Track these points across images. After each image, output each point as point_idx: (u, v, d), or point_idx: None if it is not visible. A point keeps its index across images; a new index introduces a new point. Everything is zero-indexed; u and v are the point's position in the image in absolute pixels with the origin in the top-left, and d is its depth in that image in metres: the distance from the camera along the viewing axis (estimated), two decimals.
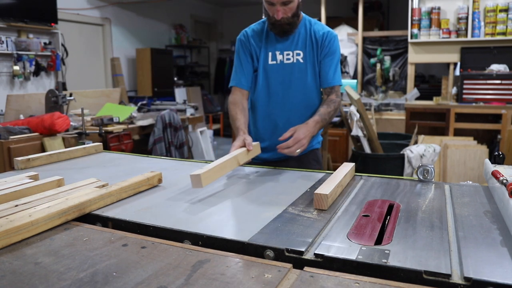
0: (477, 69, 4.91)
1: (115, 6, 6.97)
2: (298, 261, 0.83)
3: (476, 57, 5.22)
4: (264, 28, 1.85)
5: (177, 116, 4.41)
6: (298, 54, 1.81)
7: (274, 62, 1.83)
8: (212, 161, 1.78)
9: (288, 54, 1.81)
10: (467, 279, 0.72)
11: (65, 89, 5.23)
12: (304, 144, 1.56)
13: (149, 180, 1.31)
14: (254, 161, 1.76)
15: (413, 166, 3.35)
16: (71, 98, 3.62)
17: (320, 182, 1.35)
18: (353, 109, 3.61)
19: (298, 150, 1.54)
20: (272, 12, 1.72)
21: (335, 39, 1.83)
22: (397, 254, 0.81)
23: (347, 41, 6.65)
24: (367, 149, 3.65)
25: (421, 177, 1.37)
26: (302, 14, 1.89)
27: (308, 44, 1.82)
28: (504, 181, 1.06)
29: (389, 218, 1.04)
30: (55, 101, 3.48)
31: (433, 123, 5.01)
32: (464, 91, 4.79)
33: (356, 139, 3.70)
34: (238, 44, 1.88)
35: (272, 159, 1.87)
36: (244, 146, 1.56)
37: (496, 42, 5.15)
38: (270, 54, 1.83)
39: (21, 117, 3.56)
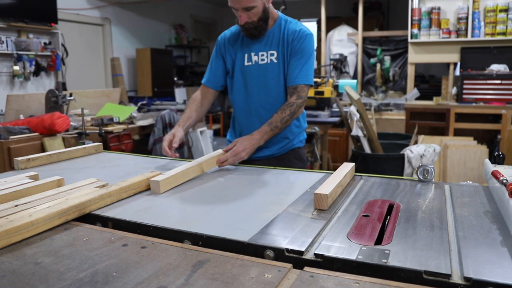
0: (477, 69, 4.91)
1: (115, 6, 6.97)
2: (298, 261, 0.83)
3: (476, 57, 5.22)
4: (240, 31, 1.87)
5: (177, 116, 4.41)
6: (272, 54, 1.83)
7: (250, 63, 1.85)
8: None
9: (262, 55, 1.83)
10: (467, 279, 0.72)
11: (65, 89, 5.23)
12: (243, 156, 1.65)
13: (149, 180, 1.31)
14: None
15: (413, 166, 3.35)
16: (71, 98, 3.62)
17: (320, 182, 1.35)
18: (353, 109, 3.61)
19: (237, 162, 1.65)
20: (237, 17, 1.75)
21: (305, 38, 1.80)
22: (397, 254, 0.81)
23: (347, 41, 6.66)
24: (367, 149, 3.65)
25: (421, 177, 1.37)
26: (279, 14, 1.88)
27: (281, 43, 1.82)
28: (504, 181, 1.06)
29: (389, 218, 1.04)
30: (55, 101, 3.48)
31: (433, 123, 5.01)
32: (464, 91, 4.79)
33: (356, 139, 3.70)
34: (216, 45, 1.95)
35: (254, 158, 1.85)
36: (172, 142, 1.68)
37: (496, 42, 5.15)
38: (246, 55, 1.85)
39: (21, 117, 3.56)
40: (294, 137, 1.94)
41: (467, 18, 5.21)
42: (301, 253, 0.84)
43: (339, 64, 6.17)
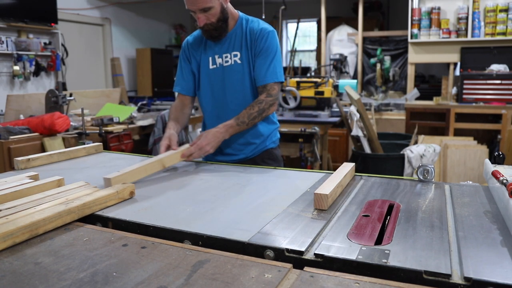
0: (477, 69, 4.91)
1: (115, 6, 6.97)
2: (298, 261, 0.83)
3: (476, 57, 5.22)
4: (202, 35, 1.85)
5: None
6: (235, 56, 1.80)
7: (215, 66, 1.83)
8: (212, 161, 1.79)
9: (226, 57, 1.81)
10: (467, 279, 0.72)
11: (65, 89, 5.23)
12: (208, 150, 1.65)
13: (119, 193, 1.21)
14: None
15: (413, 166, 3.35)
16: (71, 98, 3.62)
17: (320, 182, 1.35)
18: (353, 109, 3.61)
19: (201, 155, 1.66)
20: (196, 19, 1.72)
21: (268, 35, 1.78)
22: (397, 254, 0.81)
23: (347, 41, 6.66)
24: (367, 149, 3.65)
25: (421, 177, 1.37)
26: (239, 14, 1.84)
27: (244, 43, 1.80)
28: (504, 181, 1.06)
29: (389, 218, 1.04)
30: (55, 101, 3.48)
31: (433, 123, 5.01)
32: (464, 91, 4.79)
33: (356, 139, 3.70)
34: (181, 51, 1.92)
35: (227, 161, 1.85)
36: (170, 145, 1.66)
37: (496, 42, 5.15)
38: (210, 59, 1.83)
39: (21, 117, 3.56)
40: (265, 138, 1.91)
41: (467, 18, 5.21)
42: (301, 253, 0.84)
43: (339, 64, 6.17)
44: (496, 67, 4.75)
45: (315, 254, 0.83)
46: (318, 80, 4.12)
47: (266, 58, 1.77)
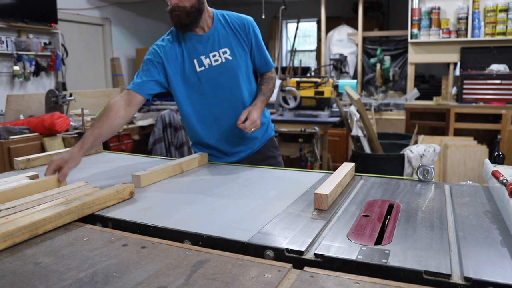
0: (477, 69, 4.91)
1: (115, 6, 6.97)
2: (298, 261, 0.83)
3: (476, 57, 5.22)
4: (180, 36, 1.73)
5: (177, 116, 4.41)
6: (224, 52, 1.73)
7: (203, 68, 1.72)
8: (212, 161, 1.79)
9: (214, 56, 1.72)
10: (467, 279, 0.72)
11: (65, 89, 5.23)
12: (258, 124, 1.67)
13: (119, 193, 1.21)
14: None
15: (413, 166, 3.35)
16: (71, 98, 3.62)
17: (320, 182, 1.35)
18: (353, 109, 3.61)
19: (253, 129, 1.65)
20: (169, 1, 1.62)
21: (254, 25, 1.80)
22: (397, 254, 0.81)
23: (347, 41, 6.66)
24: (367, 149, 3.65)
25: (421, 177, 1.37)
26: (213, 12, 1.77)
27: (232, 39, 1.74)
28: (504, 181, 1.06)
29: (389, 218, 1.04)
30: (55, 101, 3.48)
31: (433, 123, 5.01)
32: (464, 91, 4.79)
33: (356, 139, 3.70)
34: (150, 55, 1.73)
35: (233, 162, 1.84)
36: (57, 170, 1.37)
37: (496, 42, 5.15)
38: (195, 61, 1.71)
39: (21, 117, 3.56)
40: (267, 126, 1.94)
41: (467, 18, 5.21)
42: (301, 253, 0.84)
43: (339, 64, 6.17)
44: (496, 67, 4.75)
45: (315, 254, 0.83)
46: (318, 80, 4.12)
47: (261, 47, 1.82)
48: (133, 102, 1.66)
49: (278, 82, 4.74)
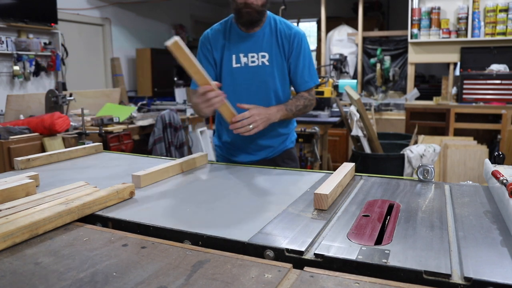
0: (477, 69, 4.91)
1: (115, 6, 6.97)
2: (298, 261, 0.83)
3: (476, 57, 5.22)
4: (227, 28, 1.73)
5: (177, 116, 4.41)
6: (263, 57, 1.72)
7: (239, 65, 1.72)
8: (212, 161, 1.79)
9: (253, 56, 1.72)
10: (467, 279, 0.72)
11: (65, 89, 5.23)
12: (259, 125, 1.58)
13: (119, 193, 1.24)
14: (230, 164, 1.76)
15: (413, 166, 3.35)
16: (71, 98, 3.62)
17: (320, 182, 1.35)
18: (353, 109, 3.61)
19: (251, 126, 1.56)
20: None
21: (303, 39, 1.76)
22: (397, 254, 0.81)
23: (347, 41, 6.66)
24: (367, 149, 3.65)
25: (421, 177, 1.37)
26: (268, 14, 1.77)
27: (274, 45, 1.73)
28: (504, 181, 1.06)
29: (389, 218, 1.04)
30: (55, 101, 3.48)
31: (433, 123, 5.01)
32: (464, 91, 4.79)
33: (356, 139, 3.70)
34: (199, 46, 1.78)
35: (246, 162, 1.84)
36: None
37: (496, 42, 5.15)
38: (234, 56, 1.72)
39: (21, 117, 3.56)
40: (286, 138, 1.91)
41: (467, 18, 5.21)
42: (301, 253, 0.84)
43: (339, 64, 6.18)
44: (496, 67, 4.75)
45: (315, 254, 0.83)
46: (318, 80, 4.12)
47: (304, 62, 1.76)
48: None
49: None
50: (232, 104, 1.75)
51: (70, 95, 3.69)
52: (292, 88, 1.87)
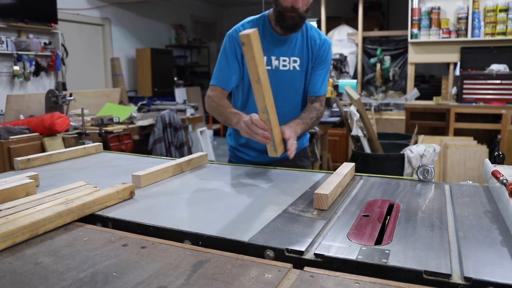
0: (477, 69, 4.91)
1: (115, 6, 6.97)
2: (298, 261, 0.83)
3: (476, 57, 5.22)
4: (260, 27, 1.68)
5: (177, 116, 4.41)
6: (295, 61, 1.71)
7: (269, 67, 1.69)
8: (213, 161, 1.79)
9: (284, 60, 1.70)
10: (467, 279, 0.72)
11: (65, 89, 5.23)
12: (296, 147, 1.55)
13: (119, 193, 1.24)
14: (247, 163, 1.75)
15: (413, 166, 3.35)
16: (71, 98, 3.62)
17: (320, 182, 1.35)
18: (353, 109, 3.61)
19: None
20: (289, 0, 1.56)
21: (329, 48, 1.77)
22: (397, 254, 0.81)
23: (347, 41, 6.66)
24: (367, 149, 3.65)
25: (421, 177, 1.37)
26: None
27: (305, 51, 1.72)
28: (504, 181, 1.06)
29: (389, 218, 1.04)
30: (55, 101, 3.48)
31: (433, 123, 5.01)
32: (464, 91, 4.79)
33: (356, 139, 3.70)
34: (227, 41, 1.71)
35: (265, 162, 1.83)
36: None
37: (496, 42, 5.15)
38: (265, 58, 1.68)
39: (21, 117, 3.56)
40: (303, 137, 1.92)
41: (467, 18, 5.21)
42: (301, 253, 0.84)
43: (339, 64, 6.18)
44: (496, 67, 4.75)
45: (315, 254, 0.83)
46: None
47: (323, 70, 1.76)
48: (224, 96, 1.70)
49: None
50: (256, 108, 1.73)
51: (70, 95, 3.69)
52: None
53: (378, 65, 5.60)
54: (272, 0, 1.64)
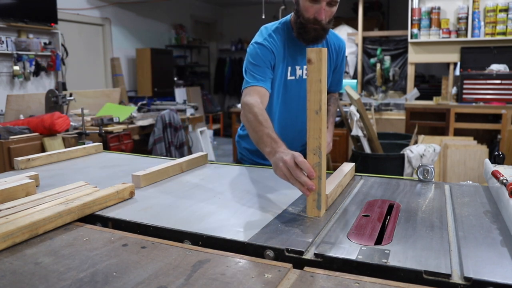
0: (477, 69, 4.91)
1: (115, 6, 6.97)
2: (298, 261, 0.83)
3: (476, 57, 5.22)
4: (285, 34, 1.62)
5: (177, 116, 4.41)
6: None
7: (293, 77, 1.66)
8: (213, 161, 1.79)
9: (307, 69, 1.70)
10: (467, 279, 0.72)
11: (65, 89, 5.23)
12: (331, 147, 1.73)
13: (119, 193, 1.24)
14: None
15: (413, 166, 3.35)
16: (71, 98, 3.62)
17: None
18: (353, 109, 3.61)
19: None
20: (312, 11, 1.48)
21: (345, 48, 1.82)
22: (397, 254, 0.81)
23: (347, 41, 6.65)
24: (367, 149, 3.65)
25: (421, 177, 1.37)
26: None
27: (329, 56, 1.69)
28: (504, 181, 1.06)
29: (389, 218, 1.04)
30: (55, 101, 3.48)
31: (433, 123, 5.01)
32: (464, 91, 4.79)
33: (356, 139, 3.70)
34: (259, 50, 1.57)
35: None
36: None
37: (496, 42, 5.15)
38: (289, 68, 1.64)
39: (21, 117, 3.56)
40: None
41: (467, 18, 5.21)
42: (301, 253, 0.84)
43: None
44: (496, 67, 4.75)
45: (315, 254, 0.83)
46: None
47: (342, 68, 1.82)
48: (265, 98, 1.53)
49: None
50: (282, 115, 1.70)
51: (70, 95, 3.69)
52: None
53: (378, 65, 5.60)
54: (293, 11, 1.58)
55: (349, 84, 4.07)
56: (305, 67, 1.68)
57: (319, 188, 1.03)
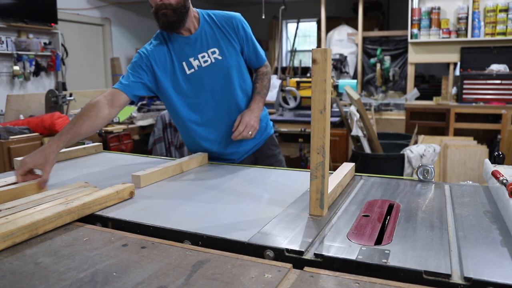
0: (477, 69, 4.91)
1: (115, 6, 6.97)
2: (298, 261, 0.83)
3: (476, 57, 5.22)
4: (165, 40, 1.69)
5: None
6: (213, 53, 1.69)
7: (192, 70, 1.68)
8: (212, 161, 1.79)
9: (203, 57, 1.68)
10: (467, 279, 0.72)
11: (65, 89, 5.22)
12: (254, 125, 1.67)
13: (119, 193, 1.25)
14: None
15: (413, 166, 3.35)
16: (71, 98, 3.62)
17: None
18: (353, 109, 3.61)
19: (250, 132, 1.65)
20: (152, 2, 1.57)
21: (241, 19, 1.76)
22: (397, 254, 0.81)
23: (347, 41, 6.66)
24: (367, 149, 3.65)
25: (421, 177, 1.37)
26: (199, 12, 1.73)
27: (220, 37, 1.70)
28: (504, 181, 1.06)
29: (389, 218, 1.04)
30: (55, 101, 3.48)
31: (433, 123, 5.01)
32: (464, 91, 4.79)
33: (356, 139, 3.70)
34: (140, 58, 1.70)
35: (237, 161, 1.83)
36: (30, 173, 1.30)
37: (496, 42, 5.15)
38: (184, 64, 1.67)
39: (21, 117, 3.56)
40: (266, 124, 1.91)
41: (467, 18, 5.21)
42: (301, 253, 0.84)
43: (339, 64, 6.18)
44: (496, 67, 4.75)
45: (315, 254, 0.83)
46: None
47: (253, 42, 1.79)
48: (116, 102, 1.60)
49: (274, 77, 4.70)
50: (202, 109, 1.73)
51: (70, 95, 3.69)
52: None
53: (378, 65, 5.60)
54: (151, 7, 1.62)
55: (349, 84, 4.07)
56: (199, 55, 1.68)
57: (322, 187, 1.05)
